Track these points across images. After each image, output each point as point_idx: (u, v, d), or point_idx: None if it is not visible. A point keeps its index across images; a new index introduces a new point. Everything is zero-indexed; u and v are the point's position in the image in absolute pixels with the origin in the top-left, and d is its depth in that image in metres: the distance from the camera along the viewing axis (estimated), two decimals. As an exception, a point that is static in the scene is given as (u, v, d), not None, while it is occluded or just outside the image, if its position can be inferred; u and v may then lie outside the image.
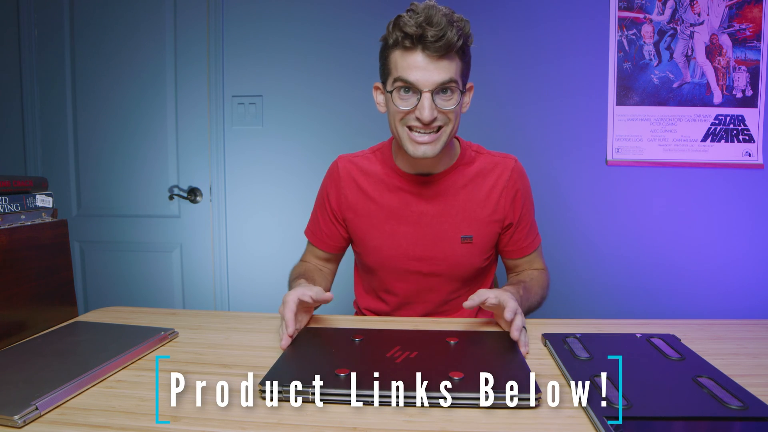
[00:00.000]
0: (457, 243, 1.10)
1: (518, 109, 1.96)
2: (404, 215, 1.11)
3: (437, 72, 0.94)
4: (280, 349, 0.83)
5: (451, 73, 0.96)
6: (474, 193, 1.11)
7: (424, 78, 0.95)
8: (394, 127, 1.03)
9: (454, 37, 0.93)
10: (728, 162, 1.91)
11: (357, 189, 1.14)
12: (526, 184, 1.17)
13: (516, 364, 0.75)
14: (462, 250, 1.10)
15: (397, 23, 0.95)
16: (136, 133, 2.11)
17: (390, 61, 0.99)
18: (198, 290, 2.14)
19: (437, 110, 0.97)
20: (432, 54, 0.93)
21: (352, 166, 1.16)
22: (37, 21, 2.11)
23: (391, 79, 0.99)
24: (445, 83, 0.96)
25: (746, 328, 0.97)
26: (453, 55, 0.96)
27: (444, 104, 0.97)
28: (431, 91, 0.95)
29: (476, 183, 1.12)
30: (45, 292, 0.96)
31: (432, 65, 0.94)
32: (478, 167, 1.13)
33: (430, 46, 0.93)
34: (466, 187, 1.11)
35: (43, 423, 0.61)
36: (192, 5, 2.04)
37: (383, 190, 1.12)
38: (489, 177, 1.12)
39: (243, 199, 2.09)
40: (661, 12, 1.89)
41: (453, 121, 1.01)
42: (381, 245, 1.13)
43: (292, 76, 2.03)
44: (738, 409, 0.60)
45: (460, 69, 0.98)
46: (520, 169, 1.15)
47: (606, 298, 1.97)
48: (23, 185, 0.97)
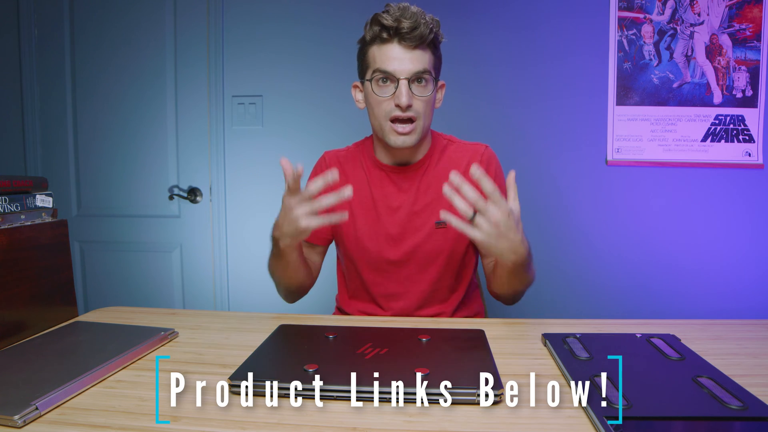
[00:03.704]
0: (432, 228, 1.13)
1: (518, 109, 1.96)
2: (382, 205, 1.16)
3: (412, 61, 1.04)
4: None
5: (425, 63, 1.05)
6: (446, 179, 1.11)
7: (401, 67, 1.04)
8: (377, 121, 1.09)
9: (426, 29, 1.03)
10: (728, 162, 1.91)
11: (341, 181, 1.17)
12: (497, 170, 1.18)
13: (484, 361, 0.75)
14: (437, 234, 1.13)
15: (375, 19, 1.05)
16: (136, 133, 2.11)
17: (368, 56, 1.08)
18: (198, 290, 2.14)
19: (414, 97, 1.05)
20: (407, 44, 1.03)
21: (337, 160, 1.22)
22: (37, 21, 2.11)
23: (370, 71, 1.08)
24: (420, 72, 1.04)
25: (746, 328, 0.97)
26: (426, 47, 1.05)
27: (420, 92, 1.06)
28: (408, 79, 1.04)
29: (449, 171, 1.12)
30: (45, 292, 0.96)
31: (408, 55, 1.04)
32: (449, 155, 1.18)
33: (405, 36, 1.02)
34: (440, 175, 1.14)
35: (43, 423, 0.61)
36: (192, 5, 2.04)
37: (364, 182, 1.18)
38: (461, 164, 1.15)
39: (243, 199, 2.09)
40: (661, 12, 1.89)
41: (426, 113, 1.08)
42: (361, 236, 1.16)
43: (292, 76, 2.03)
44: (738, 409, 0.60)
45: (433, 62, 1.07)
46: (490, 154, 1.19)
47: (606, 298, 1.97)
48: (23, 185, 0.97)
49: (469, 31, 1.96)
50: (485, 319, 1.12)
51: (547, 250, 1.95)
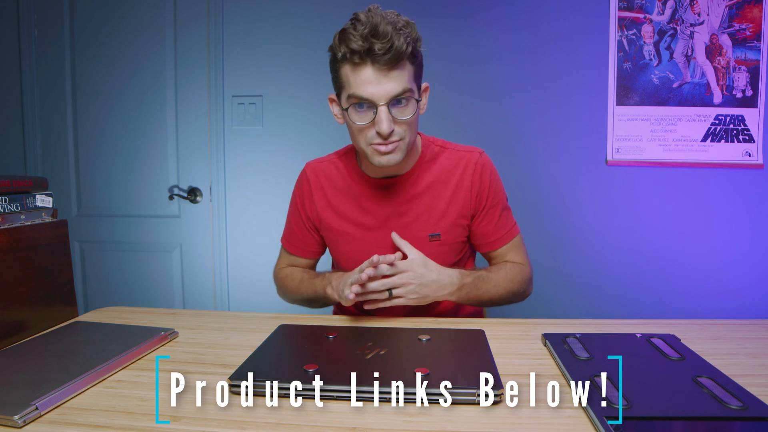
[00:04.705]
0: (426, 242, 1.10)
1: (518, 109, 1.96)
2: (372, 219, 1.12)
3: (390, 84, 0.94)
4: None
5: (404, 82, 0.95)
6: (439, 191, 1.11)
7: (378, 92, 0.94)
8: (357, 143, 1.03)
9: (402, 46, 0.91)
10: (728, 162, 1.91)
11: (324, 196, 1.15)
12: (492, 177, 1.13)
13: (484, 361, 0.75)
14: (431, 248, 1.10)
15: (343, 38, 0.94)
16: (136, 133, 2.11)
17: (341, 75, 0.98)
18: (198, 290, 2.14)
19: (395, 121, 0.96)
20: (382, 67, 0.92)
21: (319, 174, 1.17)
22: (37, 21, 2.11)
23: (345, 95, 0.98)
24: (400, 94, 0.95)
25: (746, 328, 0.97)
26: (404, 63, 0.95)
27: (401, 114, 0.97)
28: (387, 104, 0.94)
29: (441, 180, 1.11)
30: (45, 292, 0.96)
31: (384, 78, 0.93)
32: (442, 164, 1.12)
33: (379, 59, 0.91)
34: (432, 185, 1.11)
35: (43, 423, 0.61)
36: (192, 5, 2.04)
37: (350, 197, 1.13)
38: (454, 173, 1.11)
39: (243, 199, 2.09)
40: (661, 12, 1.89)
41: (410, 130, 1.00)
42: (351, 250, 1.14)
43: (292, 76, 2.03)
44: (738, 409, 0.60)
45: (413, 74, 0.98)
46: (484, 162, 1.13)
47: (606, 298, 1.97)
48: (23, 185, 0.97)
49: (469, 31, 1.96)
50: (485, 319, 1.12)
51: (547, 250, 1.95)
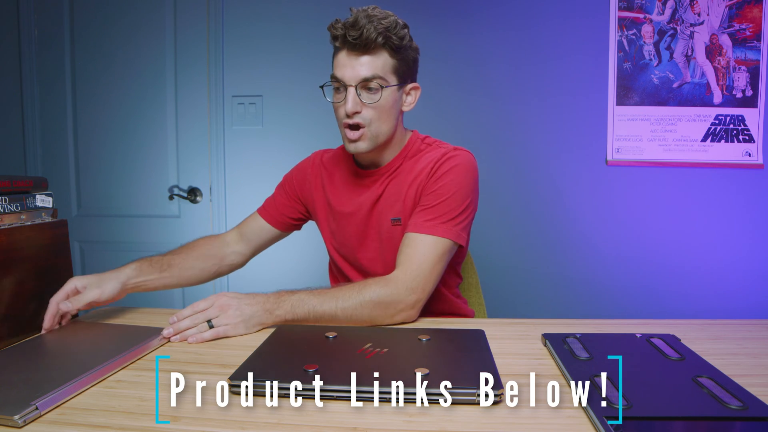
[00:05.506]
0: (389, 226, 1.13)
1: (518, 109, 1.96)
2: (350, 205, 1.17)
3: (360, 67, 1.03)
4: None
5: (375, 69, 1.03)
6: (405, 176, 1.13)
7: (349, 74, 1.03)
8: (339, 126, 1.10)
9: (372, 34, 1.00)
10: (728, 162, 1.91)
11: (320, 180, 1.23)
12: (447, 177, 1.08)
13: (484, 361, 0.75)
14: (393, 232, 1.12)
15: (330, 28, 1.05)
16: (136, 133, 2.11)
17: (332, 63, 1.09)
18: (198, 290, 2.14)
19: (362, 105, 1.04)
20: (354, 51, 1.02)
21: (321, 161, 1.25)
22: (37, 21, 2.11)
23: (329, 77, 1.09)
24: (369, 79, 1.03)
25: (746, 328, 0.97)
26: (377, 51, 1.03)
27: (368, 98, 1.05)
28: (355, 86, 1.03)
29: (410, 176, 1.13)
30: (45, 292, 0.95)
31: (354, 61, 1.03)
32: (417, 160, 1.13)
33: (350, 45, 1.02)
34: (402, 178, 1.13)
35: (43, 423, 0.61)
36: (192, 5, 2.04)
37: (337, 182, 1.20)
38: (423, 171, 1.10)
39: (243, 199, 2.09)
40: (661, 12, 1.89)
41: (381, 119, 1.06)
42: (333, 232, 1.20)
43: (292, 76, 2.03)
44: (738, 409, 0.60)
45: (391, 66, 1.05)
46: (446, 159, 1.09)
47: (606, 298, 1.97)
48: (23, 185, 0.97)
49: (469, 31, 1.96)
50: (485, 319, 1.12)
51: (547, 249, 1.94)
